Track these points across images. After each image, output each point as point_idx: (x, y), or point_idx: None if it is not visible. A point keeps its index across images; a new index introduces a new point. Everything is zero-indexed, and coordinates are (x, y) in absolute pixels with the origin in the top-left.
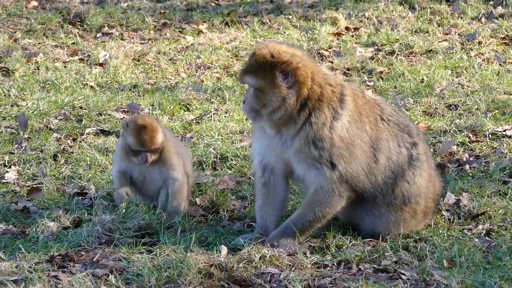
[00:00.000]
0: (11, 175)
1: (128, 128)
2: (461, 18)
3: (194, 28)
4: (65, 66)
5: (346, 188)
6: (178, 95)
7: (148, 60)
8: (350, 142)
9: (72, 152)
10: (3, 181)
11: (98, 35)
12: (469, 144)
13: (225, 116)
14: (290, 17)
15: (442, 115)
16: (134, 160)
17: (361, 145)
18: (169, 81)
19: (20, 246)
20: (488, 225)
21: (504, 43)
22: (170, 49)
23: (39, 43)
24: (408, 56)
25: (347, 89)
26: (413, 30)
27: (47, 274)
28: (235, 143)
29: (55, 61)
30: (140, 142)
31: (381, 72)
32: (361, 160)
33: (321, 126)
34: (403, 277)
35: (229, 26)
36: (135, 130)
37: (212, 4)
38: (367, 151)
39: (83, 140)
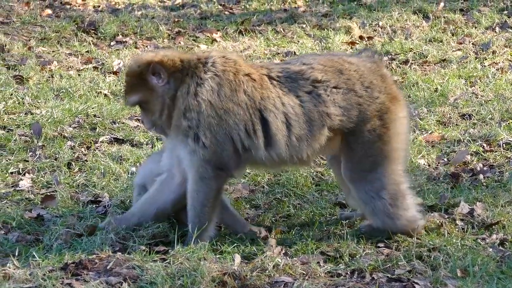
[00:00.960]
0: (25, 183)
1: None
2: (475, 27)
3: (208, 36)
4: (79, 74)
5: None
6: None
7: None
8: (222, 106)
9: (86, 160)
10: (17, 189)
11: (112, 43)
12: (483, 154)
13: None
14: (304, 26)
15: (456, 124)
16: None
17: (237, 110)
18: None
19: (34, 253)
20: (502, 234)
21: None
22: None
23: (53, 51)
24: (422, 66)
25: (216, 54)
26: (427, 39)
27: (60, 282)
28: None
29: (69, 69)
30: None
31: (395, 81)
32: (238, 126)
33: (185, 96)
34: (416, 286)
35: (243, 35)
36: None
37: (226, 12)
38: (247, 115)
39: (97, 148)
